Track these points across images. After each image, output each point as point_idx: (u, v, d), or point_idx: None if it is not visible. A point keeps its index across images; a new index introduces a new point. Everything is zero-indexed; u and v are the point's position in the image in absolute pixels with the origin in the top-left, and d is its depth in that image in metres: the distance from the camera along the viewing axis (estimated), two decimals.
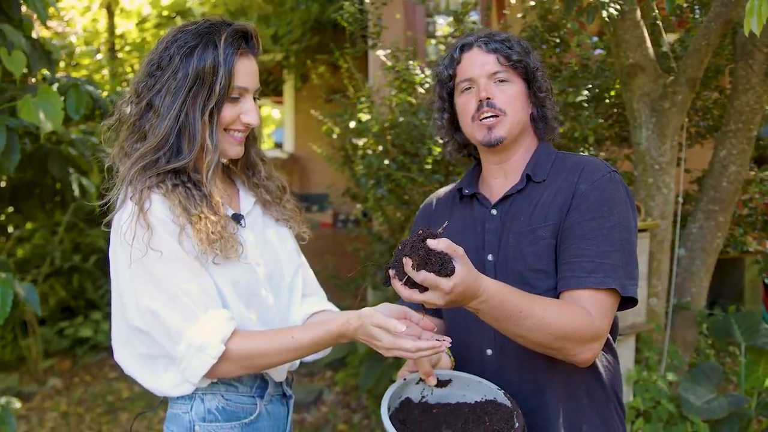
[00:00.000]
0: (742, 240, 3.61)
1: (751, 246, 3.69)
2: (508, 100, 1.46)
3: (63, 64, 6.17)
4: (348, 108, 4.08)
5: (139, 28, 7.66)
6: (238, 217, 1.47)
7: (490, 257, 1.45)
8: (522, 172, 1.49)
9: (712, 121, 3.67)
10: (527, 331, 1.24)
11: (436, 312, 1.61)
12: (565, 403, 1.40)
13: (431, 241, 1.11)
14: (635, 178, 3.19)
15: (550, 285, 1.37)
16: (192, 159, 1.35)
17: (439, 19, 5.62)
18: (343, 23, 3.69)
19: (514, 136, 1.47)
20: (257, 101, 1.44)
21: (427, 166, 3.50)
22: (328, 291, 1.74)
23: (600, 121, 3.29)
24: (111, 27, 7.39)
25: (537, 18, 3.37)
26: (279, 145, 9.46)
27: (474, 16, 3.87)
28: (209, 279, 1.34)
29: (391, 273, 1.16)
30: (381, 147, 3.63)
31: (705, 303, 3.34)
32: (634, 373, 2.91)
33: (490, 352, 1.45)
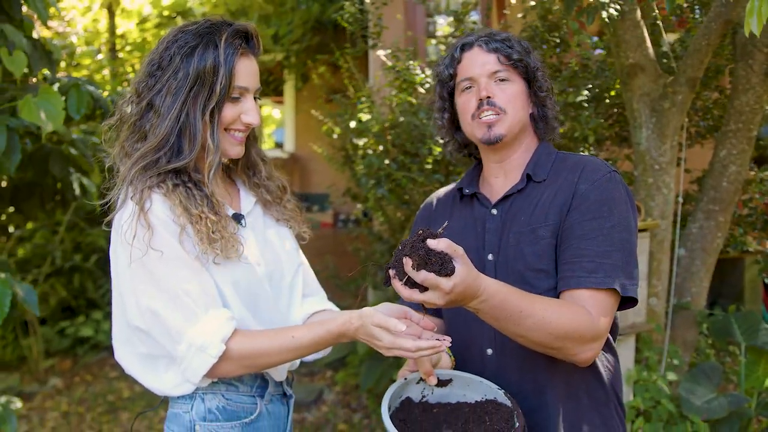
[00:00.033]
0: (742, 240, 3.61)
1: (751, 246, 3.69)
2: (509, 99, 1.46)
3: (64, 64, 6.18)
4: (348, 108, 4.08)
5: (140, 28, 7.66)
6: (238, 217, 1.48)
7: (490, 257, 1.45)
8: (522, 172, 1.49)
9: (712, 121, 3.67)
10: (527, 331, 1.24)
11: (436, 312, 1.61)
12: (565, 402, 1.40)
13: (431, 241, 1.11)
14: (635, 178, 3.19)
15: (550, 285, 1.37)
16: (193, 159, 1.35)
17: (439, 19, 5.62)
18: (344, 23, 3.69)
19: (514, 134, 1.48)
20: (258, 101, 1.44)
21: (428, 166, 3.50)
22: (329, 291, 1.74)
23: (600, 121, 3.29)
24: (112, 27, 7.39)
25: (537, 18, 3.36)
26: (279, 145, 9.46)
27: (474, 16, 3.87)
28: (210, 279, 1.34)
29: (392, 273, 1.16)
30: (381, 147, 3.63)
31: (705, 303, 3.33)
32: (634, 372, 2.91)
33: (490, 351, 1.45)
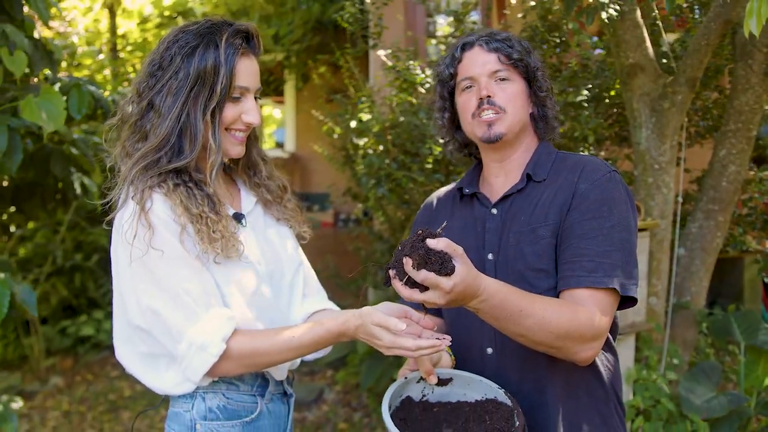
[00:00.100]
0: (741, 239, 3.61)
1: (751, 245, 3.69)
2: (509, 98, 1.46)
3: (65, 64, 6.18)
4: (349, 108, 4.08)
5: (141, 28, 7.66)
6: (239, 217, 1.48)
7: (490, 256, 1.45)
8: (522, 172, 1.49)
9: (712, 121, 3.67)
10: (527, 331, 1.24)
11: (436, 311, 1.61)
12: (565, 401, 1.40)
13: (431, 241, 1.11)
14: (635, 178, 3.19)
15: (550, 284, 1.37)
16: (193, 159, 1.35)
17: (439, 19, 5.63)
18: (344, 24, 3.69)
19: (514, 133, 1.48)
20: (258, 101, 1.44)
21: (428, 165, 3.50)
22: (329, 290, 1.74)
23: (600, 120, 3.29)
24: (113, 27, 7.39)
25: (537, 18, 3.37)
26: (280, 145, 9.47)
27: (474, 16, 3.87)
28: (210, 278, 1.34)
29: (392, 273, 1.16)
30: (382, 147, 3.63)
31: (705, 302, 3.34)
32: (633, 372, 2.91)
33: (490, 351, 1.46)
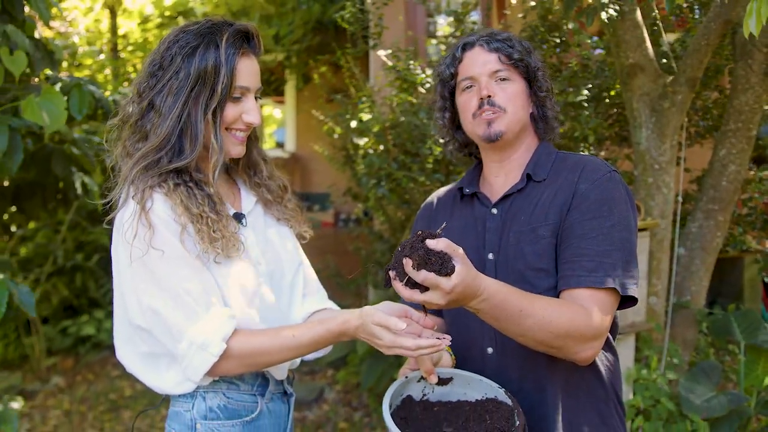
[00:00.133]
0: (741, 239, 3.61)
1: (751, 245, 3.70)
2: (509, 98, 1.46)
3: (66, 64, 6.19)
4: (349, 108, 4.09)
5: (142, 28, 7.67)
6: (239, 216, 1.48)
7: (490, 256, 1.45)
8: (522, 172, 1.49)
9: (712, 121, 3.67)
10: (528, 330, 1.24)
11: (436, 311, 1.61)
12: (565, 401, 1.40)
13: (430, 241, 1.11)
14: (635, 178, 3.19)
15: (550, 284, 1.37)
16: (194, 159, 1.35)
17: (439, 19, 5.62)
18: (344, 24, 3.69)
19: (514, 132, 1.48)
20: (259, 101, 1.44)
21: (428, 165, 3.51)
22: (330, 290, 1.74)
23: (600, 120, 3.30)
24: (113, 27, 7.40)
25: (537, 18, 3.37)
26: (280, 145, 9.48)
27: (474, 16, 3.88)
28: (211, 278, 1.34)
29: (392, 274, 1.16)
30: (382, 146, 3.64)
31: (704, 302, 3.34)
32: (633, 371, 2.91)
33: (490, 350, 1.46)
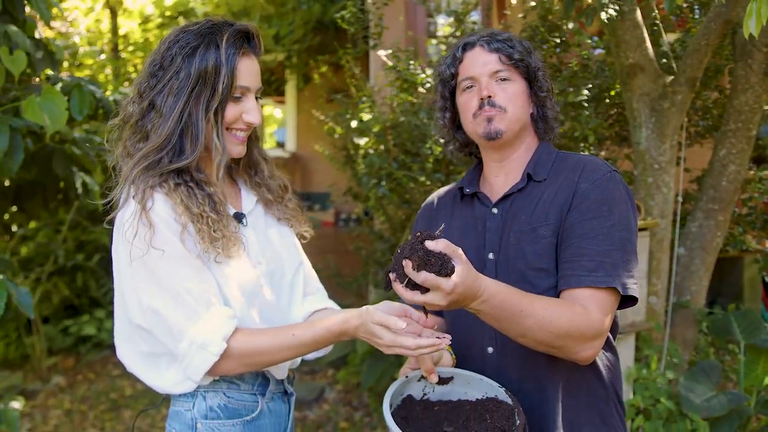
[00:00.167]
0: (741, 239, 3.62)
1: (751, 245, 3.70)
2: (509, 98, 1.46)
3: (66, 64, 6.20)
4: (350, 108, 4.09)
5: (142, 28, 7.67)
6: (239, 216, 1.48)
7: (491, 256, 1.45)
8: (523, 171, 1.49)
9: (712, 121, 3.67)
10: (528, 331, 1.24)
11: (437, 311, 1.62)
12: (566, 400, 1.40)
13: (429, 242, 1.11)
14: (635, 178, 3.20)
15: (550, 284, 1.37)
16: (195, 159, 1.35)
17: (439, 19, 5.63)
18: (344, 25, 3.70)
19: (513, 132, 1.48)
20: (259, 100, 1.44)
21: (429, 165, 3.51)
22: (330, 289, 1.74)
23: (600, 120, 3.30)
24: (114, 27, 7.41)
25: (537, 18, 3.37)
26: (281, 145, 9.48)
27: (474, 16, 3.88)
28: (211, 277, 1.34)
29: (392, 276, 1.16)
30: (382, 146, 3.64)
31: (704, 301, 3.34)
32: (634, 371, 2.92)
33: (491, 350, 1.46)
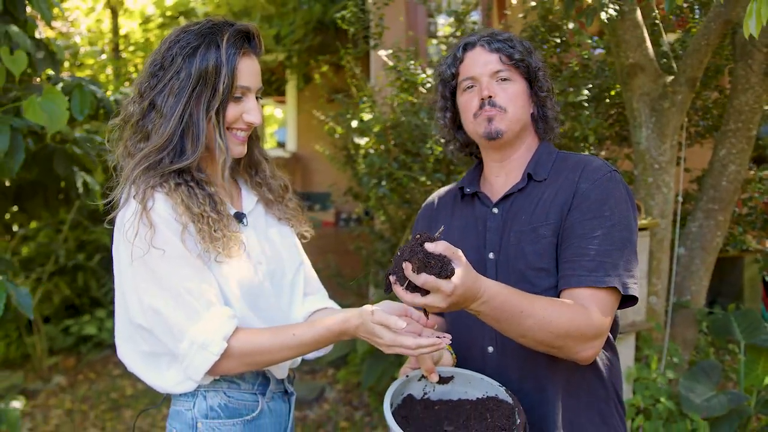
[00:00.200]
0: (741, 239, 3.62)
1: (751, 245, 3.70)
2: (510, 98, 1.47)
3: (67, 64, 6.20)
4: (350, 108, 4.10)
5: (143, 28, 7.67)
6: (240, 216, 1.48)
7: (491, 255, 1.45)
8: (523, 171, 1.49)
9: (712, 121, 3.67)
10: (528, 331, 1.24)
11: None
12: (566, 400, 1.41)
13: (429, 245, 1.11)
14: (635, 178, 3.20)
15: (551, 283, 1.38)
16: (196, 159, 1.35)
17: (440, 19, 5.63)
18: (344, 26, 3.70)
19: (514, 132, 1.48)
20: (259, 100, 1.44)
21: (429, 165, 3.51)
22: (330, 289, 1.75)
23: (600, 120, 3.30)
24: (115, 27, 7.41)
25: (538, 18, 3.37)
26: (282, 145, 9.48)
27: (475, 16, 3.89)
28: (212, 277, 1.34)
29: (392, 279, 1.16)
30: (383, 146, 3.64)
31: (704, 301, 3.34)
32: (634, 370, 2.92)
33: (491, 349, 1.46)
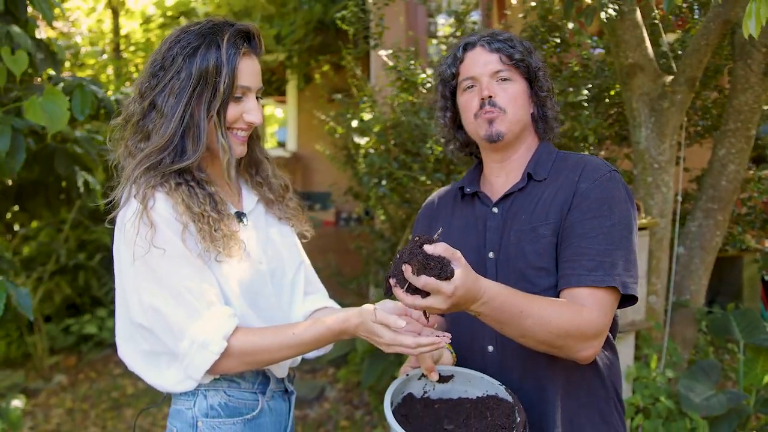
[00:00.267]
0: (740, 238, 3.63)
1: (750, 244, 3.71)
2: (510, 98, 1.47)
3: (68, 64, 6.21)
4: (350, 107, 4.10)
5: (144, 28, 7.67)
6: (240, 215, 1.49)
7: (491, 255, 1.45)
8: (523, 171, 1.50)
9: (711, 121, 3.68)
10: (528, 331, 1.25)
11: None
12: (566, 399, 1.41)
13: (428, 246, 1.11)
14: (635, 177, 3.20)
15: (550, 283, 1.38)
16: (197, 159, 1.36)
17: (440, 20, 5.64)
18: (344, 26, 3.71)
19: (514, 133, 1.49)
20: (260, 100, 1.44)
21: (429, 165, 3.52)
22: (331, 289, 1.75)
23: (600, 120, 3.31)
24: (116, 27, 7.41)
25: (537, 18, 3.38)
26: (282, 144, 9.48)
27: (475, 17, 3.89)
28: (212, 276, 1.35)
29: (392, 282, 1.16)
30: (383, 146, 3.65)
31: (704, 301, 3.35)
32: (633, 370, 2.93)
33: (491, 348, 1.46)
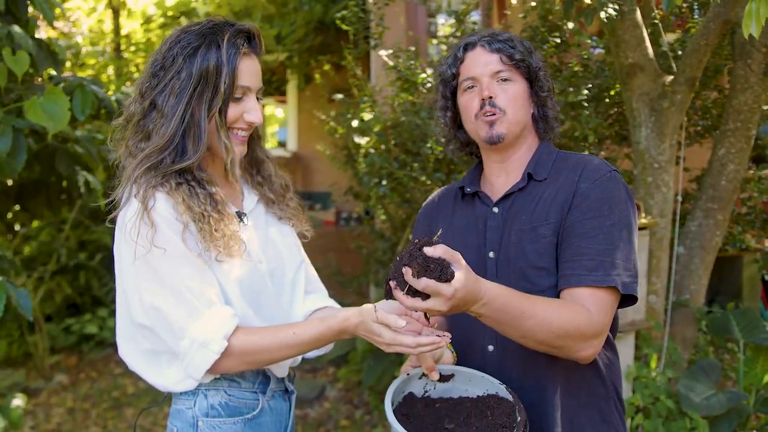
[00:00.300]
0: (740, 238, 3.63)
1: (750, 244, 3.71)
2: (510, 99, 1.47)
3: (69, 64, 6.21)
4: (351, 107, 4.11)
5: (145, 28, 7.67)
6: (240, 215, 1.49)
7: (491, 254, 1.46)
8: (523, 171, 1.50)
9: (711, 120, 3.68)
10: (529, 332, 1.25)
11: None
12: (566, 398, 1.41)
13: (428, 249, 1.12)
14: (635, 177, 3.21)
15: (551, 283, 1.38)
16: (198, 159, 1.36)
17: (440, 20, 5.64)
18: (344, 26, 3.71)
19: (514, 134, 1.49)
20: (260, 100, 1.45)
21: (429, 164, 3.52)
22: (331, 288, 1.75)
23: (600, 120, 3.31)
24: (116, 27, 7.41)
25: (538, 18, 3.38)
26: (282, 144, 9.48)
27: (475, 17, 3.89)
28: (212, 276, 1.35)
29: (392, 284, 1.16)
30: (383, 146, 3.65)
31: (704, 300, 3.35)
32: (633, 369, 2.93)
33: (491, 348, 1.46)
